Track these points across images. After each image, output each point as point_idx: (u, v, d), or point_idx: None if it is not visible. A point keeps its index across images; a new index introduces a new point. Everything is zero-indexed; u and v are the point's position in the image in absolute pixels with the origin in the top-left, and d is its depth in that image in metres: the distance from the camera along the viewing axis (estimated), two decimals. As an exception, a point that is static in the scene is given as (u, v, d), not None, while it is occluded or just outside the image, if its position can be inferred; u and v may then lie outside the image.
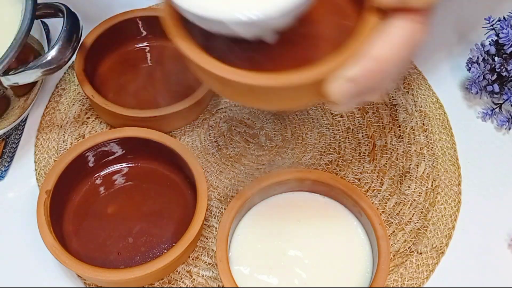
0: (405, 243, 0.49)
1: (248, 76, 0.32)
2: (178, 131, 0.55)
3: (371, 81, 0.32)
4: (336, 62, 0.31)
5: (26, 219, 0.49)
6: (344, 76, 0.32)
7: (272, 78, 0.31)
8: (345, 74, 0.32)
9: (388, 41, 0.32)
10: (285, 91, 0.32)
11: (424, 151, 0.54)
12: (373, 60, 0.32)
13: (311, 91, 0.33)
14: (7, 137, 0.55)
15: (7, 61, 0.46)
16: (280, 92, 0.33)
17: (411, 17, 0.32)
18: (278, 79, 0.31)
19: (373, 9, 0.33)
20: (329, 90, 0.32)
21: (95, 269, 0.43)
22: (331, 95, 0.32)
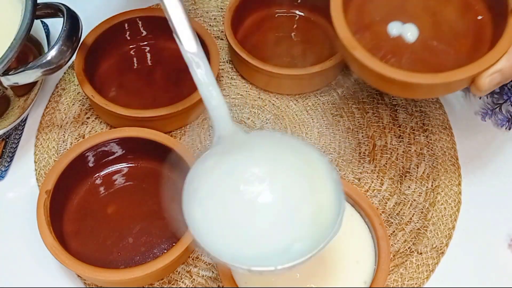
0: (405, 243, 0.49)
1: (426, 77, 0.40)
2: (178, 131, 0.55)
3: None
4: (491, 59, 0.40)
5: (26, 219, 0.49)
6: (495, 69, 0.40)
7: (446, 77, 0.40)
8: (496, 68, 0.40)
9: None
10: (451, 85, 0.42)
11: (424, 151, 0.54)
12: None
13: (465, 83, 0.41)
14: (7, 137, 0.55)
15: (7, 61, 0.46)
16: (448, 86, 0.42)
17: None
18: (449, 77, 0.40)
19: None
20: (481, 81, 0.40)
21: (95, 269, 0.43)
22: (482, 86, 0.40)
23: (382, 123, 0.56)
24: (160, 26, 0.58)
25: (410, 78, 0.40)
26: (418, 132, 0.55)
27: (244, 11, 0.59)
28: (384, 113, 0.56)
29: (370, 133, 0.55)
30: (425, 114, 0.56)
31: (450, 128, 0.55)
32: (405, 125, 0.56)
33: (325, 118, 0.56)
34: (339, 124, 0.56)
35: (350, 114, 0.56)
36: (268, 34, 0.60)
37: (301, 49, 0.59)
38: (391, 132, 0.55)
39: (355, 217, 0.47)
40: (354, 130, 0.55)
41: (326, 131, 0.55)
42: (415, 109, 0.57)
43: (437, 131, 0.55)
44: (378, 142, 0.54)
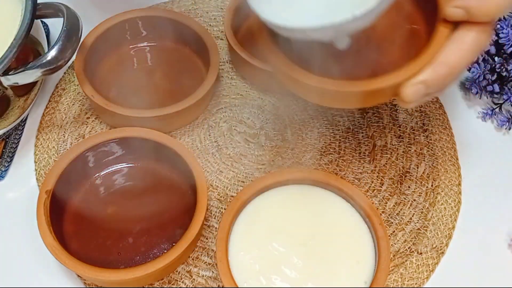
0: (405, 243, 0.49)
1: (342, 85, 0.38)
2: (178, 131, 0.55)
3: (441, 83, 0.38)
4: (414, 69, 0.38)
5: (26, 219, 0.49)
6: (418, 80, 0.38)
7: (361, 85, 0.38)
8: (419, 78, 0.38)
9: (458, 48, 0.38)
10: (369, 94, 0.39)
11: (424, 151, 0.54)
12: (445, 65, 0.37)
13: (389, 93, 0.39)
14: (7, 137, 0.55)
15: (7, 61, 0.46)
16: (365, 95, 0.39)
17: (477, 28, 0.38)
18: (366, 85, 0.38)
19: (444, 20, 0.39)
20: (404, 92, 0.38)
21: (95, 269, 0.43)
22: (405, 96, 0.38)
23: (382, 123, 0.56)
24: (160, 26, 0.58)
25: (326, 84, 0.38)
26: (418, 132, 0.55)
27: (244, 11, 0.59)
28: (384, 113, 0.56)
29: (370, 133, 0.55)
30: (425, 114, 0.56)
31: (450, 128, 0.55)
32: (405, 125, 0.56)
33: (325, 118, 0.56)
34: (339, 124, 0.56)
35: (350, 114, 0.56)
36: None
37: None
38: (391, 132, 0.55)
39: (355, 217, 0.47)
40: (354, 130, 0.55)
41: (326, 131, 0.55)
42: (415, 109, 0.57)
43: (437, 131, 0.55)
44: (378, 142, 0.54)
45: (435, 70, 0.38)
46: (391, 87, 0.38)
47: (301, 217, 0.47)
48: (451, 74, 0.38)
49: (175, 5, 0.64)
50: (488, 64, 0.54)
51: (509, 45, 0.53)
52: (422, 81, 0.38)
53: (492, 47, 0.54)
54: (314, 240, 0.46)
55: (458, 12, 0.38)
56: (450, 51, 0.38)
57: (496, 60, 0.54)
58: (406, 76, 0.38)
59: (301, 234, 0.46)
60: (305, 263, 0.45)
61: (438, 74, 0.38)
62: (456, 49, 0.38)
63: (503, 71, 0.54)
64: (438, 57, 0.38)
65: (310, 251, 0.45)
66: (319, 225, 0.47)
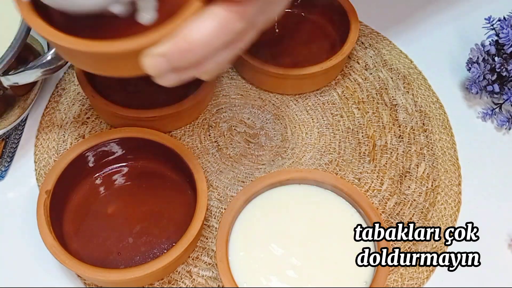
0: (405, 243, 0.49)
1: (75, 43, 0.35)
2: (178, 131, 0.55)
3: (184, 59, 0.35)
4: (150, 38, 0.34)
5: (26, 219, 0.49)
6: (156, 52, 0.34)
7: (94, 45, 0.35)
8: (156, 50, 0.34)
9: (201, 25, 0.34)
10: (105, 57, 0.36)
11: (424, 151, 0.54)
12: (184, 40, 0.34)
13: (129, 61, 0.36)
14: (7, 137, 0.55)
15: (7, 61, 0.46)
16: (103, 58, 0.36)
17: (226, 6, 0.34)
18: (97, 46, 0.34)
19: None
20: (143, 63, 0.35)
21: (95, 269, 0.43)
22: (145, 68, 0.35)
23: (382, 123, 0.56)
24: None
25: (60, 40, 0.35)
26: (418, 132, 0.55)
27: None
28: (384, 113, 0.56)
29: (370, 133, 0.55)
30: (425, 114, 0.56)
31: (450, 128, 0.55)
32: (405, 125, 0.56)
33: (325, 118, 0.56)
34: (339, 124, 0.56)
35: (350, 114, 0.56)
36: (267, 34, 0.60)
37: (301, 49, 0.59)
38: (391, 132, 0.55)
39: (355, 217, 0.47)
40: (354, 130, 0.55)
41: (326, 131, 0.55)
42: (415, 109, 0.57)
43: (437, 131, 0.55)
44: (378, 142, 0.54)
45: (174, 43, 0.34)
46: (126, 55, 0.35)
47: (301, 217, 0.47)
48: (190, 51, 0.35)
49: (175, 5, 0.64)
50: (488, 64, 0.54)
51: (509, 45, 0.53)
52: (161, 53, 0.35)
53: (492, 47, 0.54)
54: (314, 240, 0.46)
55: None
56: (192, 26, 0.35)
57: (496, 60, 0.54)
58: (143, 44, 0.34)
59: (301, 234, 0.46)
60: (305, 263, 0.45)
61: (177, 47, 0.34)
62: (198, 25, 0.35)
63: (503, 71, 0.54)
64: (181, 30, 0.34)
65: (310, 251, 0.45)
66: (319, 225, 0.47)
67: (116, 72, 0.40)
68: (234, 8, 0.35)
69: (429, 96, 0.58)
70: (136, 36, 0.34)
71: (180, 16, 0.35)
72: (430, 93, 0.58)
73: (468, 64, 0.56)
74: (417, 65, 0.60)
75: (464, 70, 0.57)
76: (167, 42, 0.34)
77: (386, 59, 0.60)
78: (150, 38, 0.34)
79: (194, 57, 0.35)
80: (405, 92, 0.58)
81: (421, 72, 0.59)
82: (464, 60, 0.57)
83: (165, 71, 0.35)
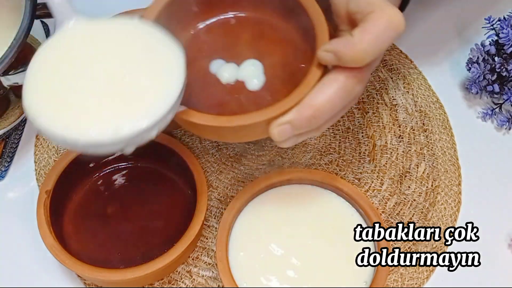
0: (405, 243, 0.49)
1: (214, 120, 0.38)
2: (178, 131, 0.55)
3: (307, 124, 0.38)
4: (281, 108, 0.38)
5: (26, 219, 0.49)
6: (283, 121, 0.38)
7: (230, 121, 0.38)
8: (284, 119, 0.38)
9: (324, 92, 0.38)
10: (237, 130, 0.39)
11: (424, 151, 0.54)
12: (309, 107, 0.37)
13: (259, 129, 0.39)
14: (7, 137, 0.55)
15: (7, 61, 0.46)
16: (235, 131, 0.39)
17: (347, 73, 0.38)
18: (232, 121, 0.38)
19: (319, 63, 0.39)
20: (271, 131, 0.38)
21: (95, 269, 0.43)
22: (272, 135, 0.38)
23: (382, 123, 0.56)
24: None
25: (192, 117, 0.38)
26: (418, 132, 0.55)
27: None
28: (384, 113, 0.56)
29: (370, 133, 0.55)
30: (425, 114, 0.56)
31: (450, 128, 0.55)
32: (405, 125, 0.56)
33: (325, 118, 0.56)
34: (339, 124, 0.56)
35: (350, 114, 0.56)
36: None
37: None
38: (391, 132, 0.55)
39: (355, 217, 0.47)
40: (354, 130, 0.55)
41: (326, 131, 0.55)
42: (415, 109, 0.57)
43: (437, 131, 0.55)
44: (378, 142, 0.54)
45: (299, 112, 0.37)
46: (258, 125, 0.38)
47: (301, 217, 0.47)
48: (315, 117, 0.38)
49: (175, 5, 0.64)
50: (488, 64, 0.54)
51: (509, 45, 0.53)
52: (287, 121, 0.38)
53: (492, 47, 0.54)
54: (314, 240, 0.46)
55: (329, 56, 0.38)
56: (316, 93, 0.38)
57: (496, 60, 0.54)
58: (272, 116, 0.38)
59: (301, 234, 0.46)
60: (305, 263, 0.45)
61: (303, 115, 0.37)
62: (322, 92, 0.37)
63: (503, 71, 0.54)
64: (305, 99, 0.38)
65: (310, 251, 0.45)
66: (319, 225, 0.47)
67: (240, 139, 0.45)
68: (354, 73, 0.38)
69: (429, 96, 0.58)
70: (267, 108, 0.38)
71: (304, 86, 0.38)
72: (430, 93, 0.58)
73: (468, 64, 0.56)
74: (417, 65, 0.60)
75: (464, 70, 0.57)
76: (292, 110, 0.38)
77: (386, 59, 0.60)
78: (279, 109, 0.38)
79: (318, 123, 0.38)
80: (405, 92, 0.58)
81: (421, 72, 0.59)
82: (464, 60, 0.57)
83: (290, 136, 0.39)
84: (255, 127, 0.39)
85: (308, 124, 0.38)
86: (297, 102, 0.38)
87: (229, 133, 0.41)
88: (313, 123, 0.38)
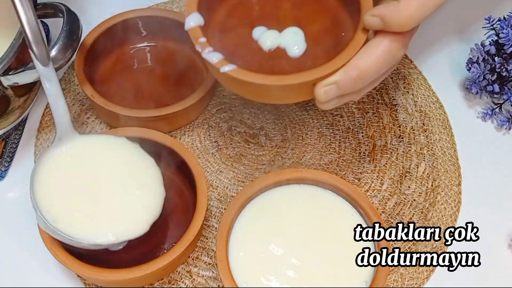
0: (405, 243, 0.49)
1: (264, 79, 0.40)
2: (178, 131, 0.55)
3: (352, 85, 0.40)
4: (328, 70, 0.40)
5: (26, 219, 0.49)
6: (330, 81, 0.40)
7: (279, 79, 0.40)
8: (330, 79, 0.40)
9: (370, 54, 0.40)
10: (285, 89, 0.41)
11: (424, 151, 0.54)
12: (356, 69, 0.40)
13: (305, 90, 0.41)
14: (7, 137, 0.55)
15: (7, 61, 0.46)
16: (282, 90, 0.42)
17: (391, 37, 0.40)
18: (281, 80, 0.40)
19: (364, 28, 0.41)
20: (317, 91, 0.40)
21: (95, 269, 0.43)
22: (317, 95, 0.40)
23: (382, 123, 0.56)
24: (160, 26, 0.58)
25: (243, 76, 0.40)
26: (418, 132, 0.55)
27: None
28: (384, 113, 0.56)
29: (370, 133, 0.55)
30: (425, 114, 0.56)
31: (450, 128, 0.55)
32: (405, 125, 0.56)
33: (325, 118, 0.56)
34: (339, 124, 0.56)
35: (350, 114, 0.56)
36: None
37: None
38: (391, 132, 0.55)
39: (355, 217, 0.47)
40: (354, 130, 0.55)
41: (326, 131, 0.55)
42: (415, 109, 0.57)
43: (437, 131, 0.55)
44: (378, 142, 0.54)
45: (346, 72, 0.40)
46: (305, 85, 0.40)
47: (301, 217, 0.47)
48: (361, 78, 0.40)
49: (175, 5, 0.64)
50: (488, 64, 0.54)
51: (509, 45, 0.53)
52: (333, 82, 0.40)
53: (492, 47, 0.54)
54: (314, 240, 0.46)
55: (374, 20, 0.40)
56: (362, 56, 0.40)
57: (496, 60, 0.54)
58: (319, 76, 0.40)
59: (301, 234, 0.46)
60: (305, 263, 0.45)
61: (349, 76, 0.40)
62: (368, 55, 0.40)
63: (503, 71, 0.54)
64: (352, 61, 0.40)
65: (310, 251, 0.45)
66: (319, 225, 0.47)
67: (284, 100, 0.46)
68: (398, 38, 0.40)
69: (429, 96, 0.58)
70: (315, 69, 0.40)
71: (350, 49, 0.40)
72: (430, 93, 0.58)
73: (468, 64, 0.56)
74: (417, 65, 0.60)
75: (464, 70, 0.57)
76: (339, 72, 0.40)
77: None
78: (326, 70, 0.40)
79: (362, 84, 0.41)
80: (405, 92, 0.58)
81: (421, 72, 0.59)
82: (464, 60, 0.57)
83: (334, 97, 0.41)
84: (302, 87, 0.41)
85: (353, 85, 0.40)
86: (343, 64, 0.40)
87: (276, 93, 0.42)
88: (358, 84, 0.40)
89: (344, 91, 0.40)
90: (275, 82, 0.40)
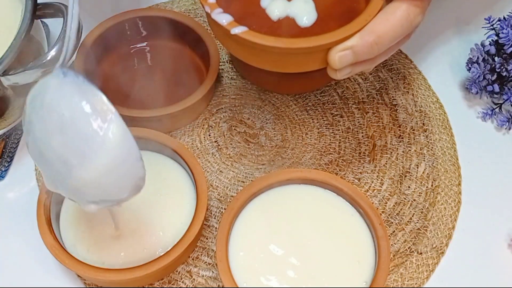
0: (405, 243, 0.49)
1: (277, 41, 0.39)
2: (178, 131, 0.55)
3: (368, 51, 0.38)
4: (342, 34, 0.38)
5: (26, 219, 0.49)
6: (345, 46, 0.38)
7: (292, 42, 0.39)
8: (346, 44, 0.38)
9: (387, 19, 0.38)
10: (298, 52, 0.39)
11: (424, 151, 0.54)
12: (372, 33, 0.38)
13: (319, 55, 0.40)
14: (7, 137, 0.55)
15: (7, 61, 0.46)
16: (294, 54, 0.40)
17: (409, 2, 0.39)
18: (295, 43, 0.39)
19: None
20: (331, 56, 0.39)
21: (95, 269, 0.43)
22: (331, 61, 0.39)
23: (382, 123, 0.56)
24: (160, 26, 0.58)
25: (254, 37, 0.39)
26: (418, 132, 0.55)
27: None
28: (384, 113, 0.56)
29: (370, 133, 0.55)
30: (425, 114, 0.56)
31: (450, 128, 0.55)
32: (405, 125, 0.56)
33: (325, 118, 0.56)
34: (339, 124, 0.56)
35: (350, 114, 0.56)
36: None
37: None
38: (391, 132, 0.55)
39: (355, 217, 0.47)
40: (354, 130, 0.55)
41: (326, 131, 0.55)
42: (415, 109, 0.57)
43: (437, 131, 0.55)
44: (378, 142, 0.54)
45: (362, 37, 0.38)
46: (319, 49, 0.39)
47: (301, 217, 0.47)
48: (377, 44, 0.38)
49: (175, 5, 0.64)
50: (488, 64, 0.54)
51: (509, 45, 0.53)
52: (349, 47, 0.38)
53: (492, 47, 0.54)
54: (314, 240, 0.46)
55: None
56: (379, 20, 0.38)
57: (496, 60, 0.54)
58: (334, 40, 0.38)
59: (301, 234, 0.46)
60: (305, 263, 0.45)
61: (365, 41, 0.38)
62: (385, 19, 0.38)
63: (503, 71, 0.54)
64: (368, 25, 0.38)
65: (310, 251, 0.45)
66: (319, 225, 0.47)
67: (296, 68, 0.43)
68: (417, 3, 0.39)
69: (429, 96, 0.58)
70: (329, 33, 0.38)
71: (366, 14, 0.39)
72: (430, 93, 0.58)
73: (468, 64, 0.56)
74: (417, 65, 0.60)
75: (464, 70, 0.57)
76: (355, 36, 0.38)
77: (386, 59, 0.60)
78: (342, 34, 0.38)
79: (378, 50, 0.39)
80: (405, 92, 0.58)
81: (421, 72, 0.59)
82: (464, 60, 0.57)
83: (349, 63, 0.39)
84: (316, 52, 0.39)
85: (369, 51, 0.38)
86: (360, 29, 0.38)
87: (287, 58, 0.41)
88: (374, 50, 0.38)
89: (360, 57, 0.39)
90: (288, 45, 0.39)
